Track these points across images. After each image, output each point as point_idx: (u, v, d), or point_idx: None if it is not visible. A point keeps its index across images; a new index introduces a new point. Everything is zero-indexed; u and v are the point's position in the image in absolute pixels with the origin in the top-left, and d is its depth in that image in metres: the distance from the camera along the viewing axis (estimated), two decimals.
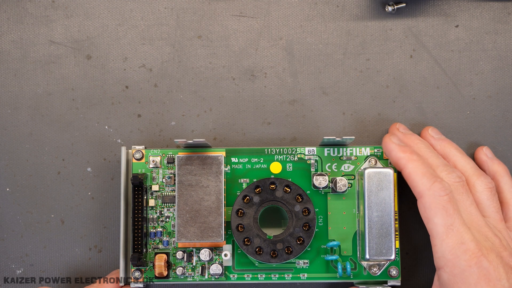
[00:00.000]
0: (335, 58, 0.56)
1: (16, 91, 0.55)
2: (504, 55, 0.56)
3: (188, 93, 0.55)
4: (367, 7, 0.56)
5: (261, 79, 0.56)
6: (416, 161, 0.49)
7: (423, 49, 0.56)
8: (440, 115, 0.55)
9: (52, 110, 0.55)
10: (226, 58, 0.56)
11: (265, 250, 0.50)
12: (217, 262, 0.52)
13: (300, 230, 0.50)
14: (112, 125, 0.55)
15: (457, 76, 0.56)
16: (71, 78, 0.55)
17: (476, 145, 0.55)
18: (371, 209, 0.49)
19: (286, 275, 0.52)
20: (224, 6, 0.56)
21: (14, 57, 0.55)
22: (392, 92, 0.55)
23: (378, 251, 0.49)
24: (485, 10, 0.56)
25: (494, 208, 0.50)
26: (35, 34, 0.56)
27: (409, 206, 0.54)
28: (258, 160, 0.53)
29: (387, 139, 0.51)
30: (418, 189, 0.48)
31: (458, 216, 0.47)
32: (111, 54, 0.56)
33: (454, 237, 0.46)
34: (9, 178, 0.55)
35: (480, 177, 0.51)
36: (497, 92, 0.56)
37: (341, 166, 0.53)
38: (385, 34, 0.56)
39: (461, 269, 0.46)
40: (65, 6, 0.56)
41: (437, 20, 0.56)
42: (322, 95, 0.55)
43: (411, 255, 0.55)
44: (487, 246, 0.47)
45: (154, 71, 0.55)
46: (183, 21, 0.56)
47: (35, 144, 0.55)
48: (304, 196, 0.51)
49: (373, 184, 0.49)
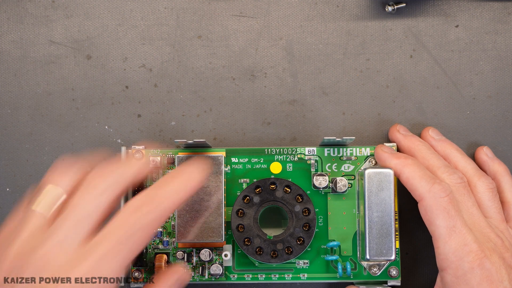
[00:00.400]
0: (335, 58, 0.56)
1: (16, 91, 0.55)
2: (504, 55, 0.56)
3: (188, 93, 0.55)
4: (367, 7, 0.56)
5: (261, 79, 0.56)
6: (411, 165, 0.49)
7: (423, 49, 0.56)
8: (440, 115, 0.55)
9: (52, 110, 0.55)
10: (226, 58, 0.56)
11: (265, 250, 0.50)
12: (217, 262, 0.52)
13: (300, 230, 0.50)
14: (112, 125, 0.55)
15: (457, 76, 0.56)
16: (71, 78, 0.55)
17: (476, 145, 0.55)
18: (371, 209, 0.49)
19: (286, 275, 0.52)
20: (224, 6, 0.56)
21: (14, 57, 0.55)
22: (392, 92, 0.55)
23: (378, 251, 0.49)
24: (485, 10, 0.56)
25: (495, 208, 0.50)
26: (35, 34, 0.56)
27: (409, 206, 0.54)
28: (258, 160, 0.53)
29: (378, 149, 0.51)
30: (418, 192, 0.48)
31: (460, 217, 0.47)
32: (111, 54, 0.56)
33: (457, 239, 0.46)
34: (9, 178, 0.55)
35: (481, 178, 0.51)
36: (497, 92, 0.56)
37: (341, 166, 0.53)
38: (385, 34, 0.56)
39: (464, 270, 0.46)
40: (65, 6, 0.56)
41: (437, 20, 0.56)
42: (322, 95, 0.55)
43: (411, 255, 0.55)
44: (490, 247, 0.47)
45: (154, 71, 0.55)
46: (183, 21, 0.56)
47: (35, 144, 0.55)
48: (304, 196, 0.51)
49: (373, 185, 0.49)
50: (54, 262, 0.37)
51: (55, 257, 0.37)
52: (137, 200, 0.39)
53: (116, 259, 0.37)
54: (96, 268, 0.37)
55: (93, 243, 0.38)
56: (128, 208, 0.39)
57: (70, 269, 0.37)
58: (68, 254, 0.37)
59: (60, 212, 0.40)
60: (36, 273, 0.37)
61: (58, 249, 0.38)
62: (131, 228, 0.38)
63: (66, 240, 0.38)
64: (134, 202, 0.39)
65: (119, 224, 0.38)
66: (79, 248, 0.38)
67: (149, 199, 0.39)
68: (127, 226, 0.38)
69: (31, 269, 0.37)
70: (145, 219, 0.39)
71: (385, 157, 0.50)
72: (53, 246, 0.38)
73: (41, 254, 0.38)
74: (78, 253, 0.38)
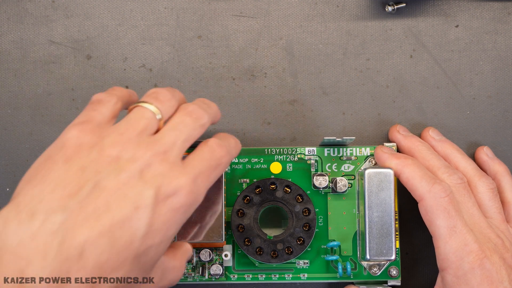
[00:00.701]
0: (335, 58, 0.56)
1: (16, 91, 0.55)
2: (504, 55, 0.56)
3: (188, 93, 0.55)
4: (367, 7, 0.56)
5: (261, 79, 0.56)
6: (411, 165, 0.49)
7: (423, 49, 0.56)
8: (440, 115, 0.55)
9: (52, 110, 0.55)
10: (226, 58, 0.56)
11: (265, 250, 0.50)
12: (217, 262, 0.52)
13: (300, 230, 0.50)
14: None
15: (457, 76, 0.56)
16: (71, 78, 0.55)
17: (476, 145, 0.55)
18: (372, 209, 0.49)
19: (286, 275, 0.52)
20: (224, 6, 0.56)
21: (14, 57, 0.55)
22: (392, 92, 0.55)
23: (379, 251, 0.49)
24: (485, 10, 0.56)
25: (496, 209, 0.50)
26: (35, 34, 0.56)
27: (409, 206, 0.54)
28: (258, 160, 0.53)
29: (378, 150, 0.51)
30: (418, 192, 0.48)
31: (460, 218, 0.47)
32: (111, 54, 0.56)
33: (457, 239, 0.46)
34: (9, 178, 0.55)
35: (481, 178, 0.51)
36: (497, 92, 0.56)
37: (341, 166, 0.53)
38: (385, 34, 0.56)
39: (464, 271, 0.46)
40: (65, 6, 0.56)
41: (437, 20, 0.56)
42: (322, 95, 0.55)
43: (411, 255, 0.55)
44: (490, 248, 0.47)
45: (154, 71, 0.55)
46: (183, 21, 0.56)
47: (35, 144, 0.55)
48: (304, 196, 0.51)
49: (373, 185, 0.49)
50: (155, 168, 0.39)
51: (158, 164, 0.40)
52: (219, 139, 0.44)
53: (206, 182, 0.42)
54: (193, 183, 0.40)
55: (188, 163, 0.41)
56: (215, 142, 0.43)
57: (170, 179, 0.39)
58: (169, 164, 0.40)
59: (160, 128, 0.43)
60: (135, 173, 0.39)
61: (162, 157, 0.40)
62: (218, 160, 0.43)
63: (171, 152, 0.41)
64: (217, 140, 0.44)
65: (209, 154, 0.42)
66: (179, 162, 0.41)
67: (226, 142, 0.44)
68: (215, 158, 0.43)
69: (134, 167, 0.39)
70: (227, 157, 0.44)
71: (385, 158, 0.50)
72: (158, 153, 0.40)
73: (147, 156, 0.40)
74: (179, 166, 0.40)
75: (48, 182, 0.38)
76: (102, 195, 0.38)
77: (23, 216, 0.37)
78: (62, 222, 0.37)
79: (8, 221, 0.37)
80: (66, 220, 0.37)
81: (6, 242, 0.36)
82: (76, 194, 0.38)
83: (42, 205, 0.37)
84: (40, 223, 0.36)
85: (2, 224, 0.37)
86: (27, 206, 0.37)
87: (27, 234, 0.36)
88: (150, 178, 0.39)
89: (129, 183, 0.39)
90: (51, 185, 0.38)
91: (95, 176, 0.39)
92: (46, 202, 0.37)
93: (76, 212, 0.37)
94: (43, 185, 0.38)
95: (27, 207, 0.37)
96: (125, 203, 0.38)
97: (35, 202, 0.37)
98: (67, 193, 0.38)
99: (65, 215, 0.37)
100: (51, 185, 0.38)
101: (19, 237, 0.36)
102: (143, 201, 0.38)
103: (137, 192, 0.38)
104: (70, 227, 0.37)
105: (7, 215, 0.37)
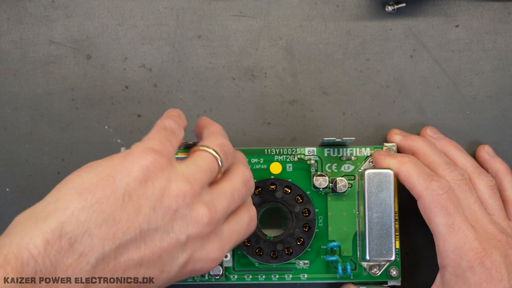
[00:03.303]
0: (335, 58, 0.56)
1: (16, 91, 0.55)
2: (504, 55, 0.56)
3: (188, 93, 0.55)
4: (367, 7, 0.56)
5: (261, 79, 0.56)
6: (408, 163, 0.48)
7: (423, 49, 0.56)
8: (440, 115, 0.55)
9: (52, 110, 0.55)
10: (226, 58, 0.56)
11: (265, 251, 0.50)
12: None
13: (300, 231, 0.50)
14: (112, 125, 0.55)
15: (457, 76, 0.56)
16: (71, 78, 0.55)
17: (476, 145, 0.55)
18: (371, 210, 0.49)
19: (286, 276, 0.52)
20: (224, 6, 0.56)
21: (14, 57, 0.55)
22: (392, 92, 0.55)
23: (378, 252, 0.49)
24: (485, 10, 0.56)
25: (497, 206, 0.50)
26: (35, 34, 0.55)
27: (409, 206, 0.54)
28: (258, 161, 0.53)
29: (375, 154, 0.51)
30: (416, 190, 0.48)
31: (459, 214, 0.46)
32: (111, 54, 0.55)
33: (457, 236, 0.46)
34: (9, 178, 0.55)
35: (480, 175, 0.51)
36: (497, 92, 0.56)
37: (341, 166, 0.53)
38: (385, 34, 0.56)
39: (463, 269, 0.46)
40: (65, 6, 0.56)
41: (437, 20, 0.56)
42: (322, 95, 0.55)
43: (411, 255, 0.55)
44: (492, 245, 0.46)
45: (154, 71, 0.55)
46: (183, 21, 0.56)
47: (35, 144, 0.55)
48: (304, 196, 0.51)
49: (373, 185, 0.49)
50: (199, 236, 0.40)
51: (206, 235, 0.41)
52: (244, 175, 0.45)
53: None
54: (222, 256, 0.42)
55: (228, 235, 0.43)
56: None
57: (207, 252, 0.41)
58: (212, 235, 0.41)
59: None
60: (181, 239, 0.39)
61: (210, 228, 0.41)
62: (249, 234, 0.45)
63: (219, 221, 0.41)
64: (244, 176, 0.44)
65: (247, 227, 0.45)
66: (220, 231, 0.42)
67: (247, 179, 0.45)
68: (250, 232, 0.45)
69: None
70: (247, 194, 0.45)
71: (382, 159, 0.50)
72: (211, 223, 0.41)
73: (200, 225, 0.40)
74: (219, 238, 0.42)
75: (100, 213, 0.37)
76: (139, 249, 0.38)
77: (63, 242, 0.36)
78: (94, 266, 0.37)
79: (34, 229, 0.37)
80: (97, 264, 0.37)
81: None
82: (118, 238, 0.37)
83: (84, 239, 0.37)
84: (77, 257, 0.37)
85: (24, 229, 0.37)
86: (71, 232, 0.37)
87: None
88: (190, 246, 0.40)
89: (170, 248, 0.39)
90: (101, 218, 0.37)
91: (145, 224, 0.38)
92: (89, 237, 0.37)
93: (108, 258, 0.37)
94: (93, 214, 0.37)
95: (68, 234, 0.37)
96: (155, 268, 0.39)
97: (79, 231, 0.37)
98: (111, 234, 0.37)
99: (99, 257, 0.37)
100: (100, 218, 0.37)
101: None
102: (171, 268, 0.39)
103: (171, 258, 0.39)
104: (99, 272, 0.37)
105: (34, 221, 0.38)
